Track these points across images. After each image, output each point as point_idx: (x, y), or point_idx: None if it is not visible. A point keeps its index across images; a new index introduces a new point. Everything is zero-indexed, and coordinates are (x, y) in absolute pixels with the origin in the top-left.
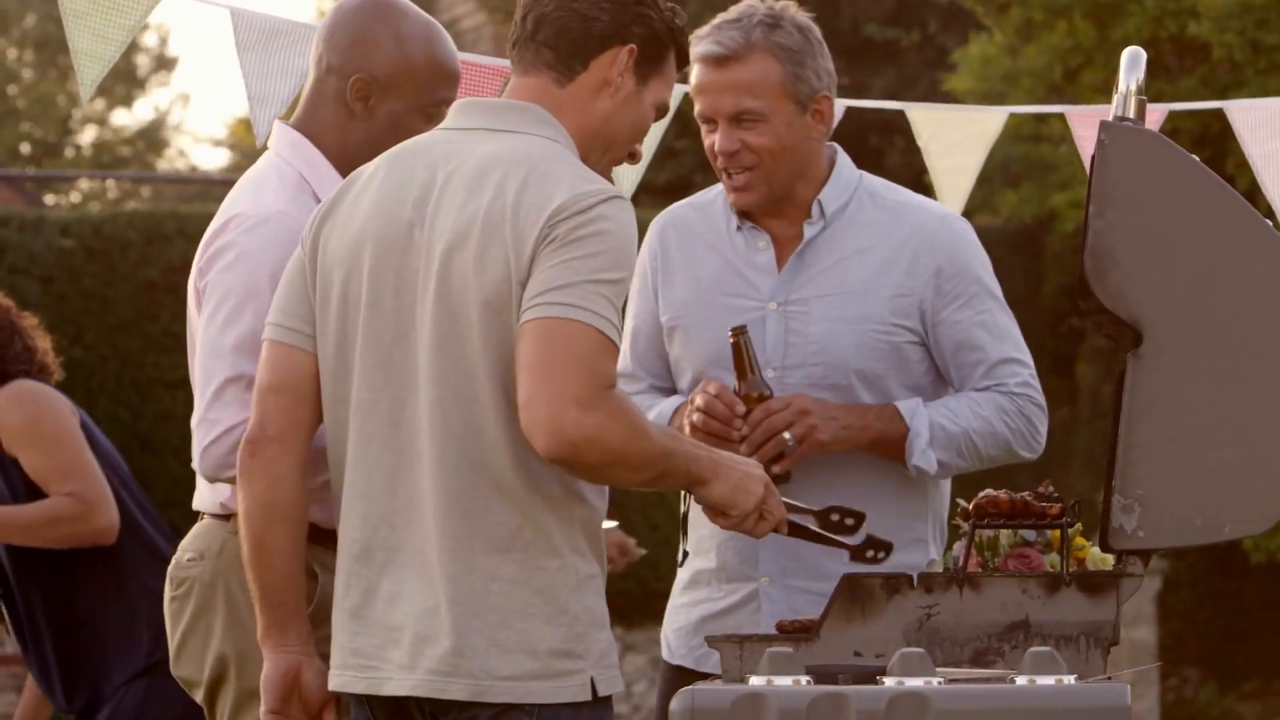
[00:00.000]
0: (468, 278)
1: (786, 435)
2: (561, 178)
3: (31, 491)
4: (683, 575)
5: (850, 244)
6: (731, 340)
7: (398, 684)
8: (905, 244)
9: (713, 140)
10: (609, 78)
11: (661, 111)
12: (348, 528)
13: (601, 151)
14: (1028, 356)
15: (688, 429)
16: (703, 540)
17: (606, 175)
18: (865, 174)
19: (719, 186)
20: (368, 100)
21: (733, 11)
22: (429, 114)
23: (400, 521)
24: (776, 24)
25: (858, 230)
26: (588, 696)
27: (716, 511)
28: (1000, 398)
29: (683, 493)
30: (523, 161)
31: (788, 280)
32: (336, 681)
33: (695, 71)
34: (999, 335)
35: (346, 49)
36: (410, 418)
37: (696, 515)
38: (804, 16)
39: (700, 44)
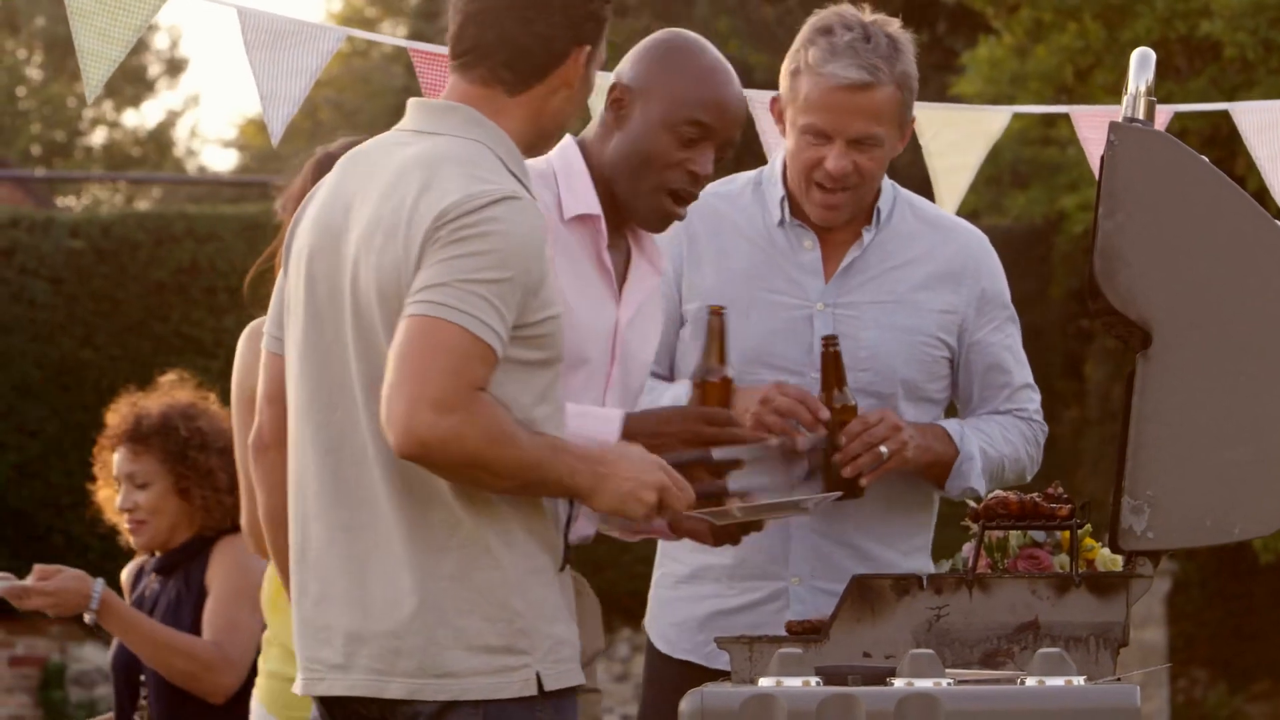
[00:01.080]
0: (371, 282)
1: (882, 449)
2: (458, 179)
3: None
4: (678, 570)
5: (899, 254)
6: (828, 350)
7: (331, 684)
8: (953, 261)
9: (819, 155)
10: (568, 80)
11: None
12: (291, 529)
13: (555, 139)
14: None
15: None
16: None
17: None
18: (895, 184)
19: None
20: (621, 108)
21: (854, 27)
22: (677, 131)
23: (334, 521)
24: (899, 50)
25: (905, 241)
26: (533, 691)
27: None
28: (1022, 424)
29: None
30: (431, 164)
31: (839, 283)
32: (297, 685)
33: (821, 93)
34: (1020, 360)
35: (626, 64)
36: (343, 421)
37: None
38: (907, 35)
39: (834, 67)
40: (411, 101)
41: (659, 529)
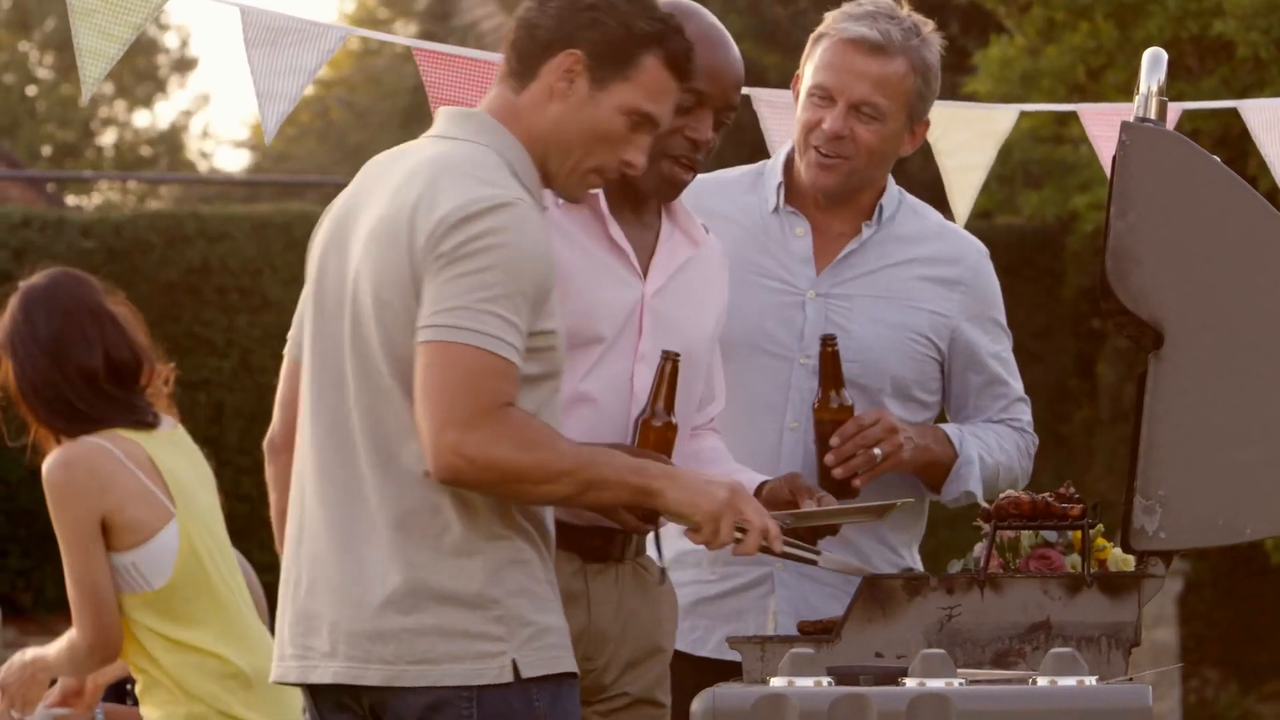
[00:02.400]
0: (368, 282)
1: (876, 451)
2: (457, 183)
3: None
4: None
5: (896, 253)
6: (826, 350)
7: (321, 672)
8: (950, 267)
9: (819, 116)
10: (553, 83)
11: (644, 120)
12: (289, 518)
13: (561, 158)
14: None
15: None
16: None
17: (584, 184)
18: (901, 189)
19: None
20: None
21: (884, 5)
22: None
23: (324, 511)
24: (922, 36)
25: (905, 243)
26: (509, 678)
27: (689, 528)
28: (1016, 435)
29: None
30: (433, 167)
31: (832, 273)
32: (276, 672)
33: (833, 48)
34: (1013, 373)
35: None
36: (337, 412)
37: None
38: (937, 35)
39: (850, 24)
40: (440, 109)
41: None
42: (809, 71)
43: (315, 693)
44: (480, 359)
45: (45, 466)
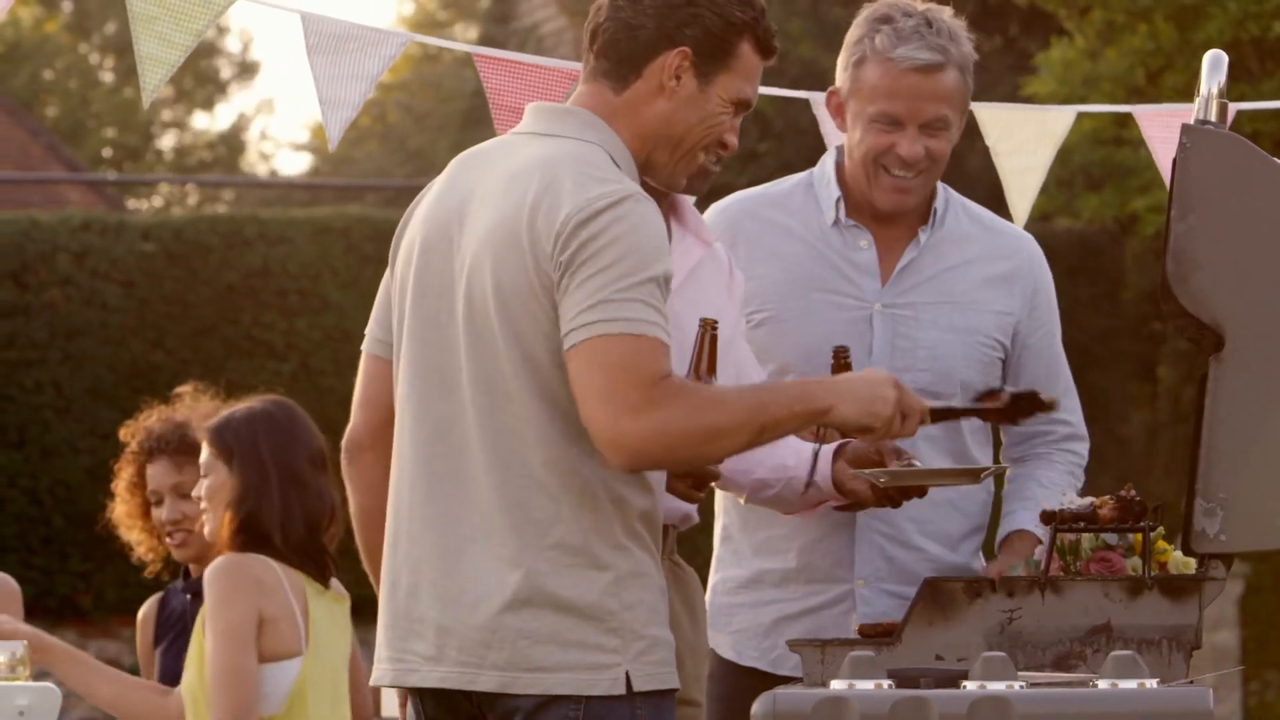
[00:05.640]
0: (487, 281)
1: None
2: (574, 182)
3: None
4: (737, 574)
5: (953, 254)
6: (838, 362)
7: (424, 675)
8: (1008, 263)
9: (889, 141)
10: (662, 82)
11: (743, 105)
12: (388, 522)
13: (670, 150)
14: None
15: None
16: (774, 541)
17: (687, 171)
18: (946, 185)
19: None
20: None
21: (914, 14)
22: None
23: (428, 512)
24: (958, 33)
25: (959, 243)
26: (621, 690)
27: (858, 431)
28: (1074, 464)
29: (718, 507)
30: (547, 167)
31: (896, 283)
32: (375, 675)
33: (890, 75)
34: (1065, 365)
35: None
36: (448, 413)
37: (757, 517)
38: (960, 21)
39: (903, 49)
40: (530, 105)
41: (828, 495)
42: (862, 100)
43: (420, 693)
44: (631, 344)
45: (212, 567)
